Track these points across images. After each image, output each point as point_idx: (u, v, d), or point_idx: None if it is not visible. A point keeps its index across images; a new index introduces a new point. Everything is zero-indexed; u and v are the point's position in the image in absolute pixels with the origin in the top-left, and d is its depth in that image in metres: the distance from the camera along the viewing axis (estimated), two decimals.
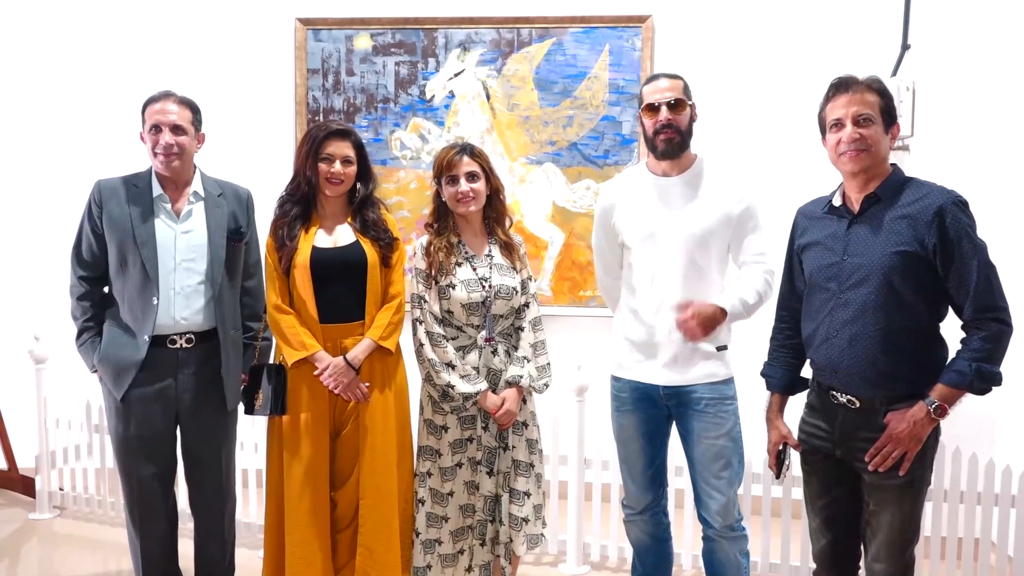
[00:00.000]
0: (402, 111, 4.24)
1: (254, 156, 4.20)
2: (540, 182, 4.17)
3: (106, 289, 2.78)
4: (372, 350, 2.63)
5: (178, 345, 2.67)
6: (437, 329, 2.63)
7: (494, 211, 2.75)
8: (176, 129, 2.65)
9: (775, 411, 2.42)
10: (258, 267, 2.90)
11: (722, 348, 2.53)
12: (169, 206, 2.70)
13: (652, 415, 2.61)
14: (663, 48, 4.02)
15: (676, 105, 2.47)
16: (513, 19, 4.12)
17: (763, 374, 2.47)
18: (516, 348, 2.72)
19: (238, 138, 4.24)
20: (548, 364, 2.77)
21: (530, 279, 2.78)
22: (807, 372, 2.41)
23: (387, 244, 2.69)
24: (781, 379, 2.42)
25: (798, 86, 3.89)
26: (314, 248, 2.62)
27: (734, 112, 3.92)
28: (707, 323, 2.33)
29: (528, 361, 2.71)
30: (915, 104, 3.44)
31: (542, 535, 2.78)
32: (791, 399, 2.45)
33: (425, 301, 2.65)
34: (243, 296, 2.86)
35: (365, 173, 2.72)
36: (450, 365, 2.61)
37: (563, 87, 4.12)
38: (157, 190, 2.69)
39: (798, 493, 3.20)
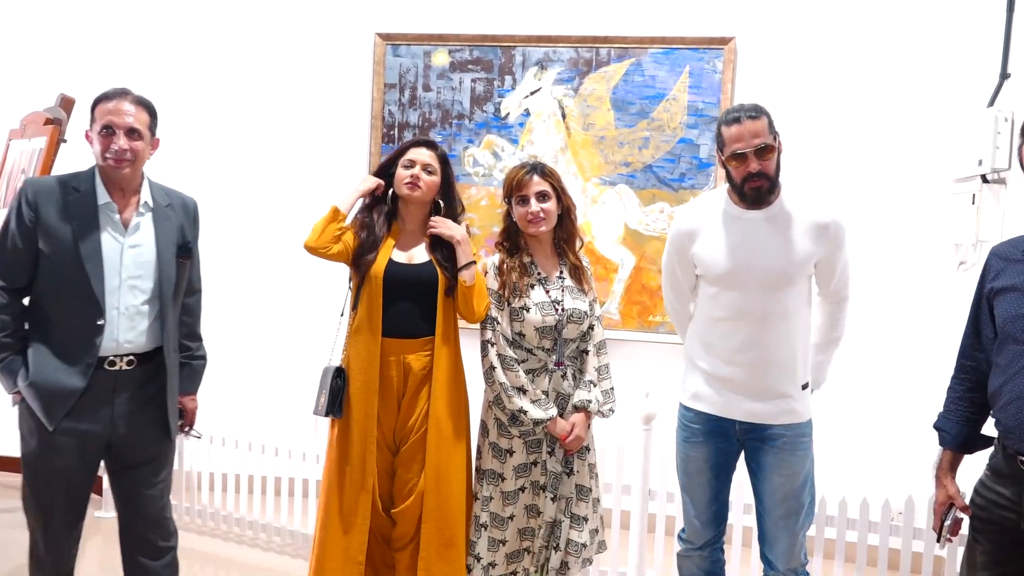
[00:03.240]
0: (476, 128, 4.23)
1: (328, 167, 4.25)
2: (613, 203, 4.10)
3: (26, 302, 2.42)
4: None
5: (117, 367, 2.38)
6: (509, 352, 2.58)
7: (565, 232, 2.69)
8: (131, 132, 2.35)
9: (945, 469, 2.18)
10: (199, 283, 2.66)
11: (804, 386, 2.44)
12: (117, 217, 2.38)
13: (723, 448, 2.51)
14: (745, 72, 3.92)
15: (764, 150, 2.31)
16: (592, 38, 4.08)
17: (936, 427, 2.23)
18: (582, 372, 2.66)
19: (313, 149, 4.31)
20: (612, 388, 2.71)
21: (595, 301, 2.72)
22: (989, 429, 2.15)
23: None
24: (956, 435, 2.16)
25: (889, 115, 3.75)
26: (390, 261, 2.62)
27: (819, 141, 3.78)
28: None
29: (594, 385, 2.64)
30: (1014, 135, 3.27)
31: (591, 558, 2.74)
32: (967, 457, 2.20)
33: (497, 323, 2.59)
34: (181, 314, 2.56)
35: (449, 191, 2.70)
36: (521, 390, 2.55)
37: (640, 108, 4.05)
38: (104, 197, 2.37)
39: (874, 539, 3.07)
